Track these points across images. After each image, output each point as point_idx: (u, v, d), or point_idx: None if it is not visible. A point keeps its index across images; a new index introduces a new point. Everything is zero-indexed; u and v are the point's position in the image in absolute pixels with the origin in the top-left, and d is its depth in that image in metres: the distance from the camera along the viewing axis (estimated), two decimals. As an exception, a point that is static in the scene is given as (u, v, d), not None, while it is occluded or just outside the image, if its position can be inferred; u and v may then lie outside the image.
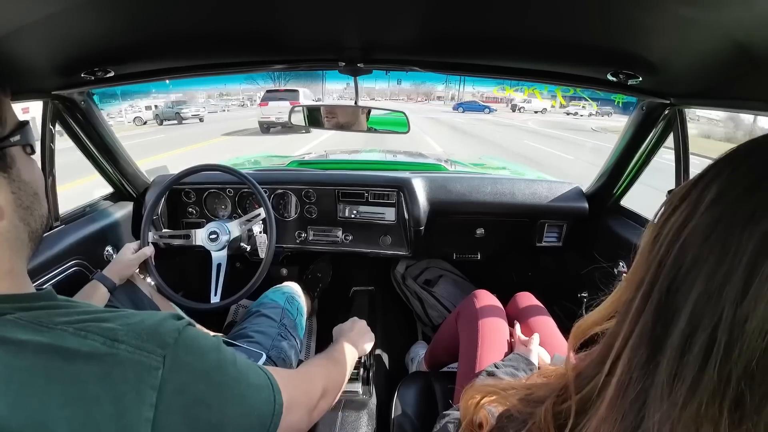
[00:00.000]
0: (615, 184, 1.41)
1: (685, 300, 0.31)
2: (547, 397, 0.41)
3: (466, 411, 0.51)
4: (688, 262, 0.31)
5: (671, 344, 0.31)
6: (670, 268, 0.32)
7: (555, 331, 1.08)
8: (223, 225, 1.32)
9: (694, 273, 0.31)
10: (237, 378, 0.49)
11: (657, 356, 0.32)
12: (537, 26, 0.72)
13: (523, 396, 0.46)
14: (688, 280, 0.31)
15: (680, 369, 0.30)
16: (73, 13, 0.61)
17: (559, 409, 0.39)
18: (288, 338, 1.17)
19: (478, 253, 1.68)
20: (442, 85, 49.57)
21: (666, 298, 0.32)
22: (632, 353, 0.33)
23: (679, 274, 0.32)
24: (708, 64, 0.72)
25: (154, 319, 0.45)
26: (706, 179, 0.34)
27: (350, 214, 1.54)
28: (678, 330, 0.30)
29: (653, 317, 0.33)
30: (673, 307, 0.31)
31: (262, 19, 0.74)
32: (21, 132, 0.45)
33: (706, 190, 0.33)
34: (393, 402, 1.07)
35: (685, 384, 0.29)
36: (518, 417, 0.43)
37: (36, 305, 0.42)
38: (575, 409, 0.37)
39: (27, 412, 0.36)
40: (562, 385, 0.41)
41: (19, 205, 0.44)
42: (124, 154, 1.44)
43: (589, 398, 0.37)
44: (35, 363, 0.37)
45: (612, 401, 0.34)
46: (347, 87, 41.61)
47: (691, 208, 0.33)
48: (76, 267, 1.17)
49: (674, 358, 0.30)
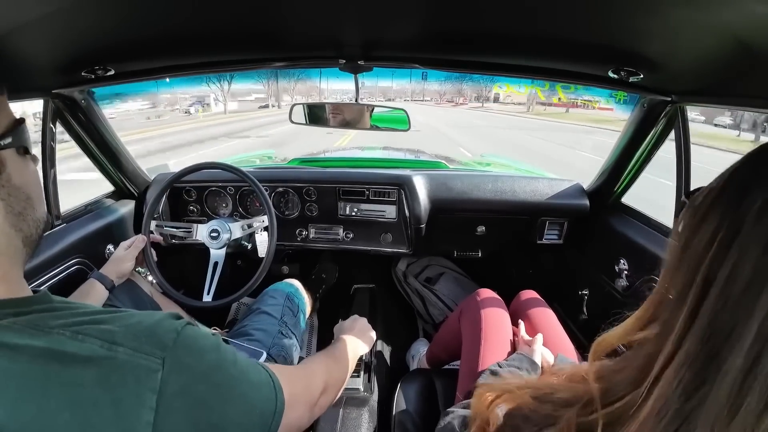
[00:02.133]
0: (616, 181, 1.41)
1: (748, 315, 0.28)
2: (569, 403, 0.40)
3: (478, 409, 0.50)
4: (746, 276, 0.29)
5: (733, 362, 0.28)
6: (724, 285, 0.30)
7: (559, 331, 1.08)
8: (224, 224, 1.32)
9: (756, 286, 0.28)
10: (237, 377, 0.49)
11: (710, 374, 0.29)
12: (538, 24, 0.72)
13: (538, 395, 0.44)
14: (750, 295, 0.28)
15: (746, 386, 0.28)
16: (73, 12, 0.61)
17: (582, 421, 0.37)
18: (289, 336, 1.17)
19: (479, 250, 1.68)
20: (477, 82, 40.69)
21: (722, 315, 0.30)
22: (678, 372, 0.31)
23: (736, 290, 0.29)
24: (709, 62, 0.72)
25: (152, 320, 0.44)
26: (741, 182, 0.32)
27: (351, 212, 1.54)
28: (743, 347, 0.28)
29: (703, 336, 0.30)
30: (731, 325, 0.29)
31: (263, 17, 0.74)
32: (13, 133, 0.44)
33: (747, 196, 0.30)
34: (394, 399, 1.08)
35: (753, 401, 0.28)
36: (534, 418, 0.42)
37: (31, 309, 0.41)
38: (603, 424, 0.35)
39: (25, 418, 0.36)
40: (587, 396, 0.39)
41: (10, 211, 0.43)
42: (124, 153, 1.44)
43: (620, 416, 0.35)
44: (32, 368, 0.37)
45: (646, 421, 0.32)
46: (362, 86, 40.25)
47: (733, 216, 0.31)
48: (77, 265, 1.17)
49: (739, 375, 0.28)
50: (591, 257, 1.48)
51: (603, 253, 1.37)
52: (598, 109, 25.29)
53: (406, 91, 51.68)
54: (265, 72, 19.69)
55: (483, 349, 0.98)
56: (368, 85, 44.42)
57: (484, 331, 1.02)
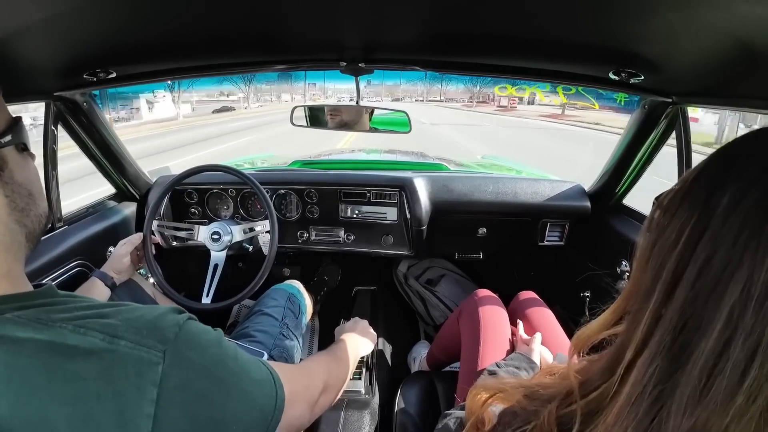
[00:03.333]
0: (617, 183, 1.40)
1: (717, 307, 0.30)
2: (554, 397, 0.41)
3: (472, 409, 0.51)
4: (717, 270, 0.30)
5: (702, 350, 0.30)
6: (695, 278, 0.31)
7: (557, 330, 1.08)
8: (226, 226, 1.32)
9: (726, 279, 0.30)
10: (238, 373, 0.49)
11: (681, 363, 0.31)
12: (539, 25, 0.72)
13: (529, 393, 0.45)
14: (720, 287, 0.30)
15: (716, 373, 0.29)
16: (75, 15, 0.61)
17: (563, 413, 0.39)
18: (290, 337, 1.17)
19: (480, 252, 1.67)
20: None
21: (693, 307, 0.31)
22: (649, 362, 0.33)
23: (707, 283, 0.31)
24: (710, 63, 0.72)
25: (154, 314, 0.45)
26: (709, 178, 0.33)
27: (352, 214, 1.54)
28: (711, 336, 0.30)
29: (675, 325, 0.32)
30: (703, 315, 0.30)
31: (264, 20, 0.74)
32: (12, 131, 0.45)
33: (716, 192, 0.32)
34: (395, 401, 1.07)
35: (720, 388, 0.29)
36: (521, 415, 0.43)
37: (35, 303, 0.42)
38: (582, 414, 0.37)
39: (28, 411, 0.36)
40: (567, 389, 0.40)
41: (14, 208, 0.43)
42: (126, 155, 1.45)
43: (597, 405, 0.36)
44: (35, 361, 0.37)
45: (622, 409, 0.33)
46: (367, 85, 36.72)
47: (701, 212, 0.32)
48: (78, 267, 1.17)
49: (707, 363, 0.30)
50: (592, 259, 1.48)
51: (605, 254, 1.36)
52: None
53: (415, 91, 47.07)
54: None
55: (482, 349, 0.98)
56: (375, 83, 42.48)
57: (483, 331, 1.02)
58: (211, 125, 17.77)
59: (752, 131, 0.35)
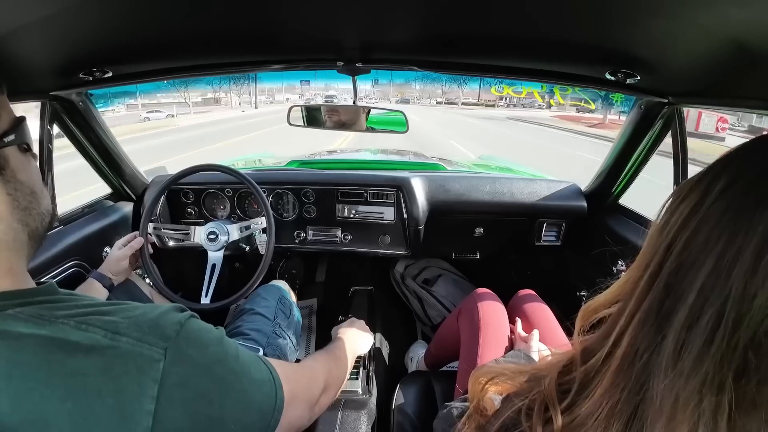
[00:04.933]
0: (613, 182, 1.41)
1: (694, 278, 0.32)
2: (554, 369, 0.43)
3: (474, 392, 0.52)
4: (699, 244, 0.33)
5: (679, 318, 0.32)
6: (680, 251, 0.34)
7: (556, 327, 1.08)
8: (222, 226, 1.32)
9: (704, 253, 0.32)
10: (239, 372, 0.49)
11: (664, 330, 0.33)
12: (535, 26, 0.72)
13: (531, 376, 0.47)
14: (699, 260, 0.33)
15: (687, 340, 0.32)
16: (71, 14, 0.61)
17: (563, 380, 0.41)
18: (283, 336, 1.17)
19: (477, 252, 1.68)
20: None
21: (675, 277, 0.34)
22: (638, 327, 0.35)
23: (689, 256, 0.33)
24: (706, 63, 0.72)
25: (156, 312, 0.45)
26: (714, 171, 0.36)
27: (349, 214, 1.54)
28: (686, 305, 0.32)
29: (661, 294, 0.35)
30: (682, 285, 0.33)
31: (260, 19, 0.74)
32: (16, 131, 0.45)
33: (714, 181, 0.34)
34: (393, 401, 1.07)
35: (692, 354, 0.31)
36: (523, 392, 0.45)
37: (37, 299, 0.42)
38: (579, 380, 0.39)
39: (29, 406, 0.36)
40: (568, 358, 0.43)
41: (16, 206, 0.44)
42: (122, 155, 1.44)
43: (593, 370, 0.39)
44: (36, 357, 0.37)
45: (616, 372, 0.36)
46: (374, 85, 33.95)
47: (700, 197, 0.35)
48: (74, 268, 1.17)
49: (682, 330, 0.32)
50: (589, 258, 1.48)
51: (601, 254, 1.37)
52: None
53: (427, 92, 44.99)
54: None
55: (481, 347, 0.99)
56: (382, 83, 40.85)
57: (482, 329, 1.02)
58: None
59: (761, 135, 0.37)
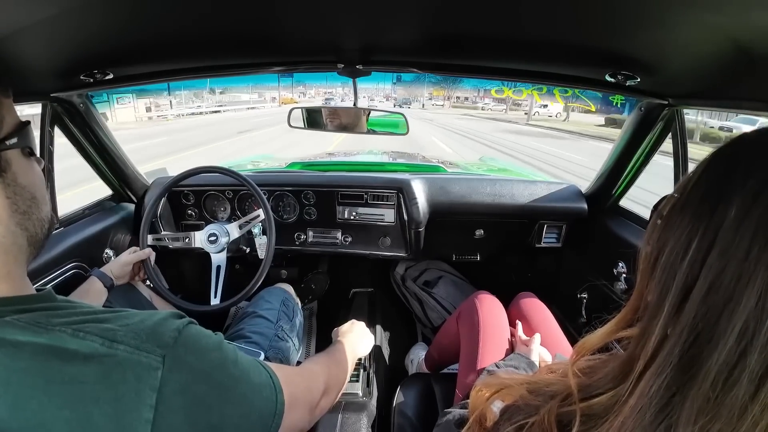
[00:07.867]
0: (614, 184, 1.41)
1: (729, 321, 0.29)
2: (555, 395, 0.41)
3: (475, 405, 0.51)
4: (728, 283, 0.30)
5: (714, 365, 0.30)
6: (707, 293, 0.31)
7: (557, 331, 1.08)
8: (222, 227, 1.32)
9: (738, 293, 0.29)
10: (238, 378, 0.48)
11: (690, 377, 0.31)
12: (535, 28, 0.72)
13: (532, 388, 0.46)
14: (734, 300, 0.29)
15: (728, 388, 0.29)
16: (72, 16, 0.61)
17: (563, 411, 0.39)
18: (285, 339, 1.17)
19: (477, 254, 1.68)
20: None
21: (702, 321, 0.31)
22: (657, 373, 0.33)
23: (717, 297, 0.30)
24: (707, 65, 0.72)
25: (154, 319, 0.44)
26: (708, 189, 0.33)
27: (349, 216, 1.54)
28: (724, 350, 0.29)
29: (685, 340, 0.32)
30: (713, 330, 0.30)
31: (261, 21, 0.74)
32: (19, 134, 0.45)
33: (719, 204, 0.31)
34: (393, 403, 1.07)
35: (734, 402, 0.29)
36: (524, 409, 0.43)
37: (34, 306, 0.42)
38: (581, 415, 0.37)
39: (26, 414, 0.36)
40: (569, 389, 0.41)
41: (15, 210, 0.43)
42: (123, 157, 1.44)
43: (603, 411, 0.37)
44: (34, 364, 0.37)
45: (628, 418, 0.33)
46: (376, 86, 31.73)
47: (707, 225, 0.32)
48: (74, 269, 1.17)
49: (719, 378, 0.30)
50: (589, 260, 1.48)
51: (601, 256, 1.37)
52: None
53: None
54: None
55: (481, 350, 0.98)
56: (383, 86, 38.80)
57: (483, 332, 1.02)
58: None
59: (750, 132, 0.35)
